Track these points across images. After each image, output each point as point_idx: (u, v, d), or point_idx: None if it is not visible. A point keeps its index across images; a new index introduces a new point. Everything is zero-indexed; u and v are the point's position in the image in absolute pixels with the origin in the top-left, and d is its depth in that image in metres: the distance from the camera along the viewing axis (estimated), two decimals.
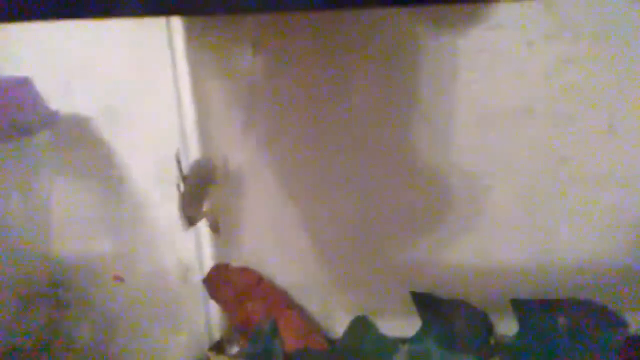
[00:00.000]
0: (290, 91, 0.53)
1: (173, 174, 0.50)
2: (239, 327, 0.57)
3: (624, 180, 0.52)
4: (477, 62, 0.51)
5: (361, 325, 0.57)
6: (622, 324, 0.52)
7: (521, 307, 0.54)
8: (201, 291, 0.57)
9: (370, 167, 0.55)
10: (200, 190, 0.50)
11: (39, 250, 0.57)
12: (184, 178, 0.50)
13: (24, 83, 0.47)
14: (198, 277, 0.57)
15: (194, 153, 0.54)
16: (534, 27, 0.48)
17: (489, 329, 0.54)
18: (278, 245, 0.58)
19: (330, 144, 0.54)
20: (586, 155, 0.51)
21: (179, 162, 0.49)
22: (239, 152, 0.54)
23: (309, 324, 0.58)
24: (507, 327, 0.55)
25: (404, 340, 0.55)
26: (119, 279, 0.54)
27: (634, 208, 0.52)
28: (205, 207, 0.51)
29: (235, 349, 0.57)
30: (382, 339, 0.56)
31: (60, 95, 0.52)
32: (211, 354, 0.56)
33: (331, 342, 0.58)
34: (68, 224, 0.57)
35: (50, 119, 0.49)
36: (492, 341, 0.53)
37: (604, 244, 0.53)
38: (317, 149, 0.55)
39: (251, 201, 0.57)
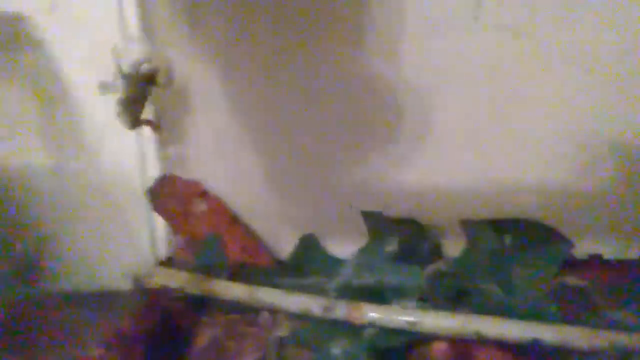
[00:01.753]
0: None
1: (113, 75, 0.48)
2: (184, 240, 0.56)
3: (570, 101, 0.51)
4: None
5: (308, 244, 0.57)
6: (565, 241, 0.52)
7: (469, 226, 0.54)
8: (145, 202, 0.56)
9: (320, 82, 0.53)
10: (140, 94, 0.48)
11: None
12: (123, 78, 0.47)
13: None
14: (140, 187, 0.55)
15: (135, 53, 0.51)
16: None
17: (436, 245, 0.54)
18: (224, 160, 0.55)
19: (281, 56, 0.52)
20: (534, 76, 0.51)
21: (117, 58, 0.47)
22: (185, 59, 0.52)
23: (255, 241, 0.56)
24: (456, 248, 0.56)
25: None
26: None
27: (579, 130, 0.52)
28: (147, 110, 0.49)
29: (180, 263, 0.56)
30: (329, 257, 0.56)
31: None
32: (157, 269, 0.54)
33: (278, 261, 0.58)
34: (2, 132, 0.54)
35: None
36: (439, 257, 0.54)
37: (550, 165, 0.52)
38: (267, 63, 0.53)
39: (198, 113, 0.54)
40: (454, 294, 0.49)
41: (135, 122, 0.47)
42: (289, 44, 0.51)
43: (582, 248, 0.54)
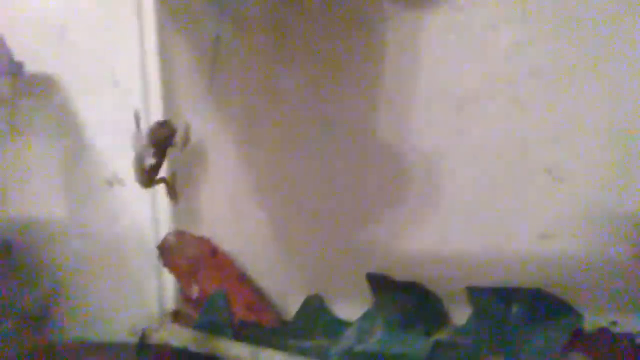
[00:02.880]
0: (254, 60, 0.53)
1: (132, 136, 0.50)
2: (191, 297, 0.56)
3: (583, 172, 0.52)
4: (440, 42, 0.51)
5: (313, 305, 0.57)
6: (574, 314, 0.52)
7: (475, 294, 0.54)
8: (155, 258, 0.57)
9: (331, 146, 0.54)
10: (158, 152, 0.50)
11: None
12: (142, 138, 0.50)
13: None
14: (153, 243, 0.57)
15: (155, 116, 0.54)
16: (496, 10, 0.48)
17: (441, 312, 0.54)
18: (235, 219, 0.57)
19: (296, 122, 0.54)
20: (547, 142, 0.52)
21: (137, 120, 0.49)
22: (202, 120, 0.54)
23: (261, 300, 0.57)
24: (461, 316, 0.55)
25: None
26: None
27: (593, 200, 0.52)
28: (163, 170, 0.51)
29: (187, 319, 0.56)
30: (333, 319, 0.56)
31: (26, 51, 0.52)
32: (161, 323, 0.55)
33: (283, 322, 0.58)
34: (22, 182, 0.56)
35: (13, 69, 0.49)
36: (443, 325, 0.53)
37: (560, 236, 0.53)
38: (279, 124, 0.55)
39: (212, 172, 0.56)
40: None
41: (150, 181, 0.49)
42: (304, 108, 0.54)
43: (591, 321, 0.53)
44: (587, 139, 0.51)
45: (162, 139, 0.49)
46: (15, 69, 0.49)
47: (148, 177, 0.48)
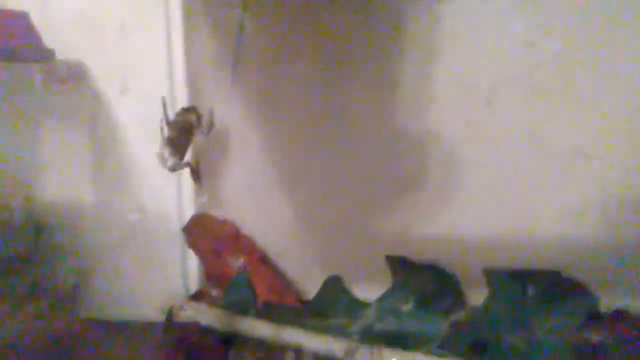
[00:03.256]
0: (277, 50, 0.55)
1: (159, 121, 0.52)
2: (215, 277, 0.58)
3: (598, 156, 0.52)
4: (458, 31, 0.52)
5: (334, 285, 0.58)
6: (589, 296, 0.52)
7: (492, 276, 0.55)
8: (180, 240, 0.59)
9: (352, 133, 0.56)
10: (183, 137, 0.51)
11: (21, 192, 0.58)
12: (169, 123, 0.51)
13: (21, 16, 0.48)
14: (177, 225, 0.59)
15: (181, 103, 0.55)
16: None
17: (459, 292, 0.55)
18: (257, 203, 0.58)
19: (315, 107, 0.56)
20: (563, 129, 0.52)
21: (164, 107, 0.51)
22: (225, 106, 0.56)
23: (283, 281, 0.58)
24: (478, 297, 0.56)
25: None
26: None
27: (606, 184, 0.53)
28: (188, 154, 0.52)
29: (210, 299, 0.58)
30: (353, 299, 0.58)
31: (54, 35, 0.54)
32: (187, 302, 0.57)
33: (304, 301, 0.59)
34: (53, 167, 0.58)
35: (45, 55, 0.51)
36: (461, 305, 0.54)
37: (576, 219, 0.53)
38: (302, 112, 0.56)
39: (234, 156, 0.58)
40: (474, 344, 0.49)
41: (176, 165, 0.50)
42: (323, 94, 0.55)
43: (607, 302, 0.54)
44: (606, 124, 0.51)
45: (188, 124, 0.51)
46: (46, 56, 0.51)
47: (175, 161, 0.50)
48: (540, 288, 0.53)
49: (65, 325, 0.58)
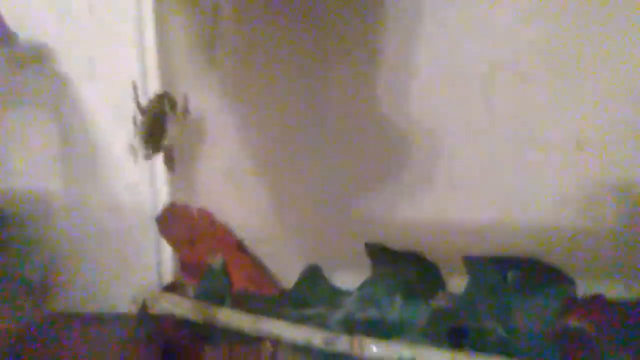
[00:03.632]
0: (254, 32, 0.53)
1: (130, 107, 0.50)
2: (189, 267, 0.57)
3: (582, 144, 0.52)
4: (441, 17, 0.51)
5: (313, 274, 0.57)
6: (568, 282, 0.53)
7: (472, 264, 0.55)
8: (154, 230, 0.57)
9: (332, 118, 0.55)
10: (157, 125, 0.50)
11: None
12: (142, 110, 0.49)
13: None
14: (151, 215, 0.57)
15: (153, 87, 0.53)
16: None
17: (439, 280, 0.54)
18: (233, 190, 0.57)
19: (294, 93, 0.54)
20: (547, 118, 0.52)
21: (135, 92, 0.49)
22: (200, 92, 0.54)
23: (261, 270, 0.57)
24: (459, 284, 0.56)
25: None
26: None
27: (586, 171, 0.53)
28: (162, 142, 0.50)
29: (185, 290, 0.56)
30: (332, 288, 0.57)
31: (17, 19, 0.52)
32: (161, 294, 0.55)
33: (282, 291, 0.58)
34: (19, 154, 0.56)
35: (8, 40, 0.48)
36: (441, 292, 0.54)
37: (554, 205, 0.53)
38: (278, 96, 0.55)
39: (210, 143, 0.56)
40: (455, 331, 0.49)
41: (151, 153, 0.49)
42: (300, 79, 0.53)
43: (585, 288, 0.54)
44: (589, 111, 0.51)
45: (162, 111, 0.49)
46: (10, 40, 0.49)
47: (149, 149, 0.49)
48: (519, 274, 0.53)
49: (35, 318, 0.56)
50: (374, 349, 0.46)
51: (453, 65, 0.51)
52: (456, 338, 0.48)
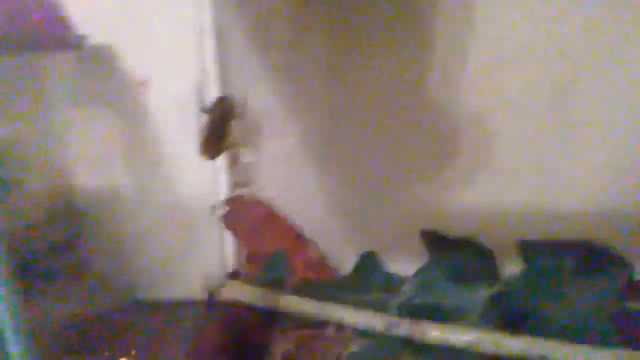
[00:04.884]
0: (309, 29, 0.54)
1: (192, 108, 0.52)
2: (253, 257, 0.59)
3: (631, 123, 0.52)
4: (492, 3, 0.51)
5: (369, 261, 0.59)
6: (626, 265, 0.53)
7: (527, 248, 0.55)
8: (217, 222, 0.60)
9: (383, 109, 0.56)
10: (221, 128, 0.51)
11: (57, 180, 0.59)
12: (206, 113, 0.51)
13: (52, 2, 0.48)
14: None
15: (213, 88, 0.55)
16: None
17: (495, 266, 0.55)
18: (292, 182, 0.59)
19: (345, 86, 0.55)
20: (593, 99, 0.52)
21: (199, 95, 0.51)
22: (259, 89, 0.56)
23: (321, 258, 0.59)
24: (514, 270, 0.57)
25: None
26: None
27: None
28: (225, 143, 0.52)
29: (248, 278, 0.59)
30: (389, 275, 0.58)
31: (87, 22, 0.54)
32: (227, 281, 0.58)
33: (341, 278, 0.60)
34: (88, 153, 0.59)
35: (77, 42, 0.51)
36: (497, 279, 0.55)
37: (610, 188, 0.53)
38: (332, 89, 0.56)
39: (268, 139, 0.58)
40: (513, 316, 0.50)
41: (216, 154, 0.51)
42: (353, 73, 0.54)
43: None
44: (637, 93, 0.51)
45: (224, 114, 0.51)
46: (79, 43, 0.51)
47: (214, 150, 0.50)
48: (576, 258, 0.53)
49: (110, 306, 0.60)
50: (436, 333, 0.48)
51: (499, 48, 0.51)
52: (515, 323, 0.49)
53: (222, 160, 0.57)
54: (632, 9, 0.48)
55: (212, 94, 0.54)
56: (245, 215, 0.59)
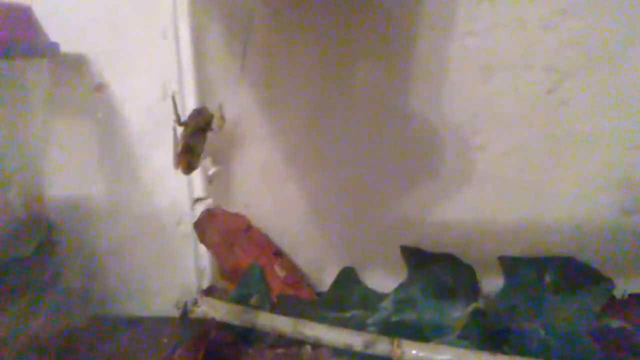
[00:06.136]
0: (287, 37, 0.53)
1: (168, 117, 0.51)
2: (228, 272, 0.58)
3: (615, 140, 0.52)
4: (475, 12, 0.51)
5: (347, 277, 0.58)
6: (606, 281, 0.52)
7: (508, 264, 0.55)
8: (192, 235, 0.58)
9: (363, 120, 0.55)
10: (197, 140, 0.50)
11: (29, 190, 0.57)
12: (181, 125, 0.50)
13: (24, 10, 0.47)
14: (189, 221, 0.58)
15: (190, 97, 0.54)
16: None
17: (475, 282, 0.55)
18: (269, 194, 0.58)
19: (325, 95, 0.54)
20: (579, 112, 0.52)
21: (175, 104, 0.49)
22: (233, 96, 0.55)
23: (297, 273, 0.58)
24: (494, 286, 0.56)
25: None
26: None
27: (623, 168, 0.52)
28: (200, 156, 0.51)
29: (223, 294, 0.58)
30: (368, 291, 0.57)
31: (58, 30, 0.53)
32: (201, 297, 0.56)
33: (318, 294, 0.59)
34: (61, 162, 0.57)
35: (48, 50, 0.49)
36: (477, 294, 0.54)
37: (593, 204, 0.53)
38: (311, 100, 0.55)
39: (244, 148, 0.57)
40: (493, 333, 0.49)
41: (191, 168, 0.49)
42: (333, 82, 0.54)
43: (623, 287, 0.54)
44: (623, 107, 0.51)
45: (201, 126, 0.50)
46: (51, 51, 0.50)
47: (189, 164, 0.49)
48: (556, 274, 0.53)
49: (80, 321, 0.58)
50: (414, 351, 0.47)
51: (484, 61, 0.51)
52: (495, 339, 0.49)
53: (198, 173, 0.56)
54: (619, 21, 0.48)
55: (188, 104, 0.53)
56: (220, 228, 0.57)
